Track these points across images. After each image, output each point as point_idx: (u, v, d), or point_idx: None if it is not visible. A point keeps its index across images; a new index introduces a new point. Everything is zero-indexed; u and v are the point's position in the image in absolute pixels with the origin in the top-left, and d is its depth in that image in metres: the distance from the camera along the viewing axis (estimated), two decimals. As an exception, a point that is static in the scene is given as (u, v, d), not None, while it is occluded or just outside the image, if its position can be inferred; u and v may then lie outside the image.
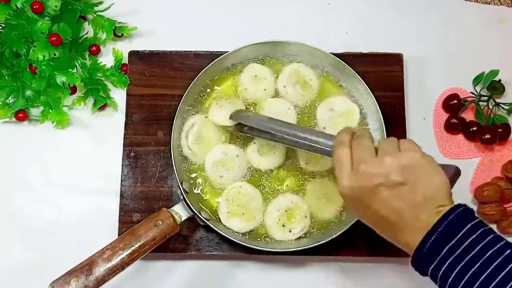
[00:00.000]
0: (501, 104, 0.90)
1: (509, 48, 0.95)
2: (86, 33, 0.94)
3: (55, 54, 0.86)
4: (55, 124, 0.89)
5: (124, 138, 0.88)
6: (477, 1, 0.99)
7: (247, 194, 0.82)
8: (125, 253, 0.71)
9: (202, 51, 0.91)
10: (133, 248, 0.72)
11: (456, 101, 0.90)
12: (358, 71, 0.86)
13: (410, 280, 0.84)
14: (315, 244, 0.78)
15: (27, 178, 0.88)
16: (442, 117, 0.92)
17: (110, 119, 0.91)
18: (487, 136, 0.87)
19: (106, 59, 0.92)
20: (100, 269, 0.70)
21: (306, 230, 0.81)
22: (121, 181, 0.86)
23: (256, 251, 0.79)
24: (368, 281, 0.85)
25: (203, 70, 0.86)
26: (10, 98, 0.89)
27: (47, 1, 0.85)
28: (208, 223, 0.79)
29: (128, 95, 0.90)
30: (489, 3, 0.99)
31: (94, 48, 0.92)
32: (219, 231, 0.78)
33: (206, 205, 0.83)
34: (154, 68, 0.90)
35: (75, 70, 0.90)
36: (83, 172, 0.88)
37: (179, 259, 0.85)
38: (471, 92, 0.92)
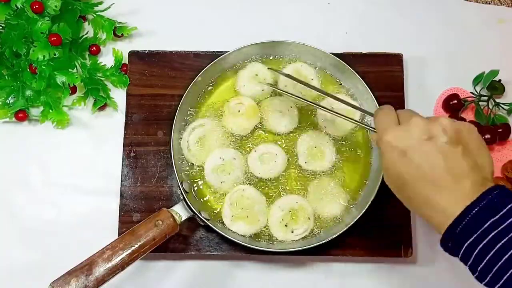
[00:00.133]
0: (501, 104, 0.90)
1: (509, 48, 0.95)
2: (86, 33, 0.94)
3: (55, 54, 0.86)
4: (55, 124, 0.89)
5: (124, 138, 0.88)
6: (477, 1, 0.99)
7: (251, 197, 0.82)
8: (125, 253, 0.71)
9: (202, 51, 0.91)
10: (133, 248, 0.72)
11: (456, 101, 0.90)
12: (358, 71, 0.86)
13: (409, 280, 0.84)
14: (315, 244, 0.78)
15: (27, 178, 0.88)
16: (442, 117, 0.92)
17: (110, 119, 0.91)
18: (487, 136, 0.87)
19: (106, 59, 0.92)
20: (100, 269, 0.70)
21: (308, 232, 0.81)
22: (121, 181, 0.86)
23: (256, 251, 0.79)
24: (368, 281, 0.84)
25: (203, 70, 0.85)
26: (10, 98, 0.89)
27: (47, 1, 0.85)
28: (208, 223, 0.79)
29: (128, 95, 0.90)
30: (489, 3, 0.99)
31: (94, 48, 0.92)
32: (219, 231, 0.78)
33: (206, 207, 0.83)
34: (154, 68, 0.90)
35: (75, 70, 0.90)
36: (83, 172, 0.88)
37: (179, 259, 0.85)
38: (471, 92, 0.92)
